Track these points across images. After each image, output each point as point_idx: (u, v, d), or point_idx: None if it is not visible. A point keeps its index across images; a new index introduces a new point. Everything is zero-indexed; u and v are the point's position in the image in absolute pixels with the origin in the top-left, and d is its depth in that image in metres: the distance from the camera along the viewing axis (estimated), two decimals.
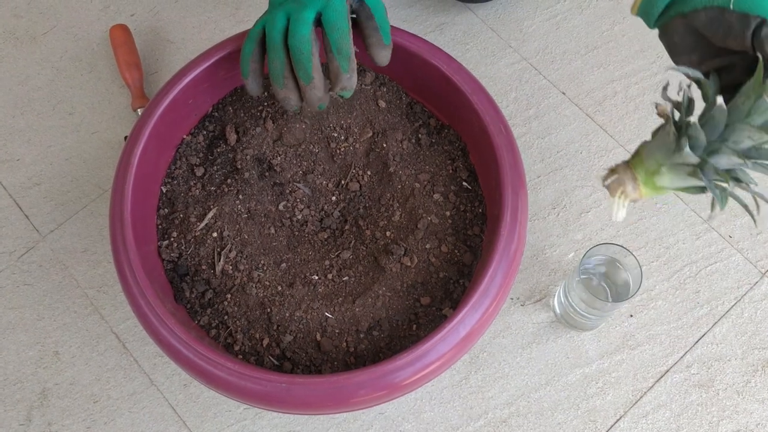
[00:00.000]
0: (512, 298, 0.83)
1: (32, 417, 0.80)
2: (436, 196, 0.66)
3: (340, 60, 0.55)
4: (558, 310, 0.81)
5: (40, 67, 0.96)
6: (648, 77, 0.93)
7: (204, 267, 0.62)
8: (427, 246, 0.64)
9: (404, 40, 0.65)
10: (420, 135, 0.69)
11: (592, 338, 0.81)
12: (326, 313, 0.61)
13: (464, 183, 0.68)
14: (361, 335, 0.61)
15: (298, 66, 0.55)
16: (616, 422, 0.78)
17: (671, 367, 0.80)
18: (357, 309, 0.62)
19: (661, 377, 0.79)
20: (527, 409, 0.79)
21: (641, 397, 0.79)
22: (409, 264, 0.64)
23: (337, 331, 0.61)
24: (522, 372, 0.80)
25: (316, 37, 0.56)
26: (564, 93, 0.92)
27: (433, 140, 0.70)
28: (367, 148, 0.68)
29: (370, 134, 0.68)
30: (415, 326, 0.62)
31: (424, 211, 0.65)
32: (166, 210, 0.65)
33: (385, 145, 0.67)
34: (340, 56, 0.56)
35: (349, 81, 0.57)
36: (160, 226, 0.64)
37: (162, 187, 0.65)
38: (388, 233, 0.66)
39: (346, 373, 0.54)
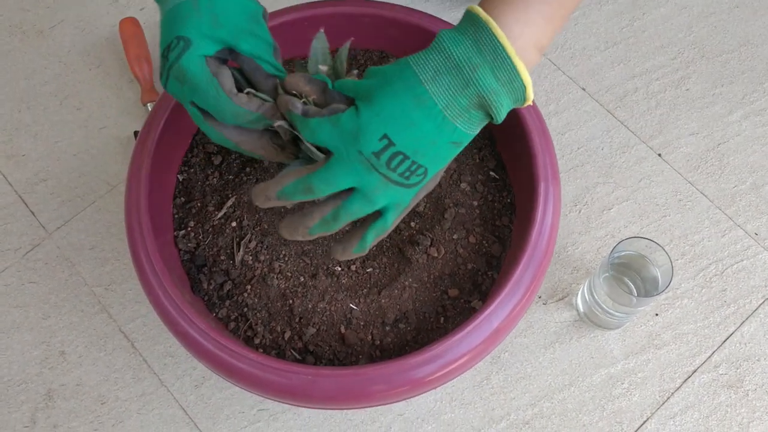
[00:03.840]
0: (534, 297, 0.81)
1: (37, 419, 0.77)
2: (463, 185, 0.64)
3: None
4: (582, 308, 0.79)
5: (47, 61, 0.94)
6: (669, 73, 0.91)
7: (223, 257, 0.60)
8: (455, 236, 0.62)
9: (426, 23, 0.63)
10: None
11: (616, 338, 0.79)
12: (351, 305, 0.58)
13: (491, 173, 0.65)
14: (387, 328, 0.59)
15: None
16: (642, 424, 0.75)
17: (699, 367, 0.77)
18: (383, 300, 0.59)
19: (689, 377, 0.77)
20: (551, 410, 0.76)
21: (668, 398, 0.76)
22: (435, 255, 0.61)
23: (362, 323, 0.58)
24: (545, 372, 0.78)
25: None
26: (584, 89, 0.90)
27: None
28: None
29: None
30: (442, 319, 0.59)
31: (450, 200, 0.63)
32: (183, 199, 0.63)
33: None
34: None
35: None
36: (176, 216, 0.62)
37: (178, 176, 0.63)
38: (413, 224, 0.63)
39: (374, 365, 0.51)
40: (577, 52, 0.93)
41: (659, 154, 0.87)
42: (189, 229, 0.61)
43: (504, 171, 0.66)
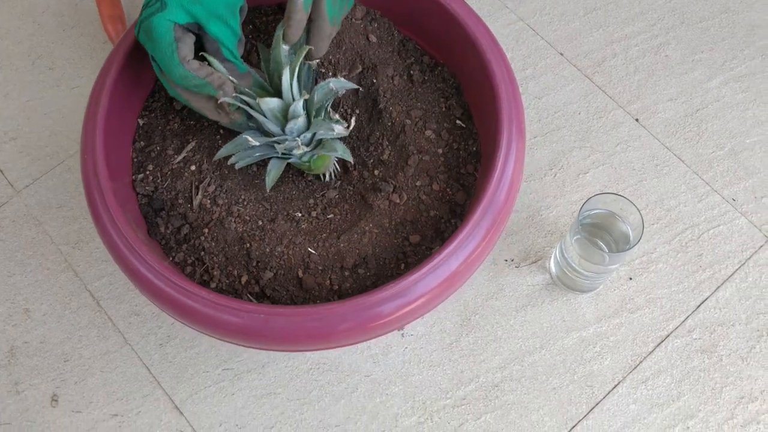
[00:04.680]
0: (506, 260, 0.79)
1: None
2: (428, 132, 0.63)
3: None
4: (554, 270, 0.77)
5: (21, 21, 0.93)
6: (648, 39, 0.90)
7: (181, 201, 0.59)
8: (418, 183, 0.61)
9: None
10: (412, 72, 0.66)
11: (589, 301, 0.77)
12: (309, 249, 0.57)
13: (458, 121, 0.64)
14: (346, 273, 0.57)
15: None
16: (614, 388, 0.74)
17: (672, 332, 0.76)
18: (342, 245, 0.58)
19: (662, 342, 0.76)
20: (521, 373, 0.75)
21: (641, 362, 0.75)
22: (398, 201, 0.60)
23: (320, 267, 0.57)
24: (516, 335, 0.76)
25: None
26: (562, 54, 0.89)
27: (426, 77, 0.66)
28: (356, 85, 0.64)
29: (360, 70, 0.64)
30: (403, 265, 0.58)
31: (415, 147, 0.62)
32: (143, 143, 0.62)
33: (375, 81, 0.64)
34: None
35: None
36: (135, 159, 0.61)
37: (139, 120, 0.62)
38: (376, 172, 0.62)
39: (329, 304, 0.50)
40: (555, 17, 0.91)
41: (637, 120, 0.85)
42: (147, 172, 0.60)
43: (470, 120, 0.64)
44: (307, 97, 0.53)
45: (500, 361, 0.75)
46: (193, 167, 0.60)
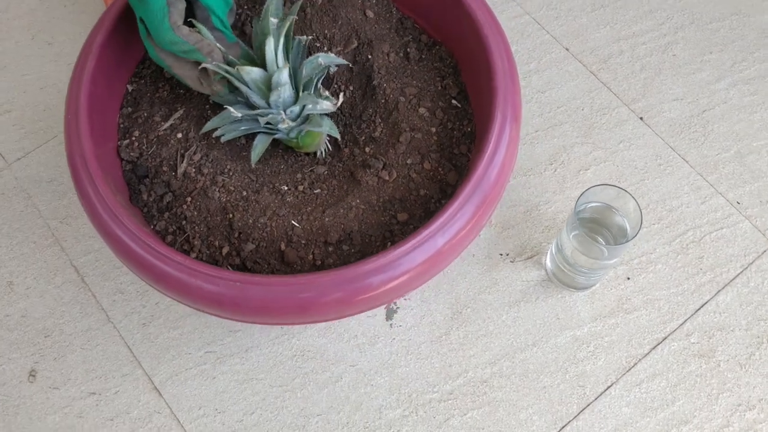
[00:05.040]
0: (501, 254, 0.77)
1: None
2: (422, 110, 0.61)
3: None
4: (550, 266, 0.75)
5: None
6: (656, 38, 0.88)
7: (165, 169, 0.57)
8: (409, 161, 0.59)
9: None
10: (409, 49, 0.64)
11: (585, 299, 0.75)
12: (293, 222, 0.55)
13: (453, 100, 0.62)
14: (330, 248, 0.55)
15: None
16: (606, 389, 0.71)
17: (669, 335, 0.74)
18: (327, 219, 0.56)
19: (658, 344, 0.73)
20: (511, 370, 0.72)
21: (635, 364, 0.72)
22: (387, 178, 0.58)
23: (303, 241, 0.55)
24: (507, 331, 0.74)
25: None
26: (567, 49, 0.88)
27: (423, 56, 0.65)
28: (350, 61, 0.63)
29: (355, 45, 0.63)
30: (389, 243, 0.56)
31: (407, 125, 0.60)
32: (130, 109, 0.60)
33: (370, 57, 0.63)
34: None
35: None
36: (121, 125, 0.59)
37: (128, 86, 0.61)
38: (367, 149, 0.60)
39: (310, 274, 0.48)
40: (562, 12, 0.90)
41: (641, 118, 0.84)
42: (133, 138, 0.59)
43: (467, 101, 0.63)
44: (288, 66, 0.52)
45: (490, 357, 0.73)
46: (179, 135, 0.58)
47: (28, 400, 0.72)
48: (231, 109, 0.52)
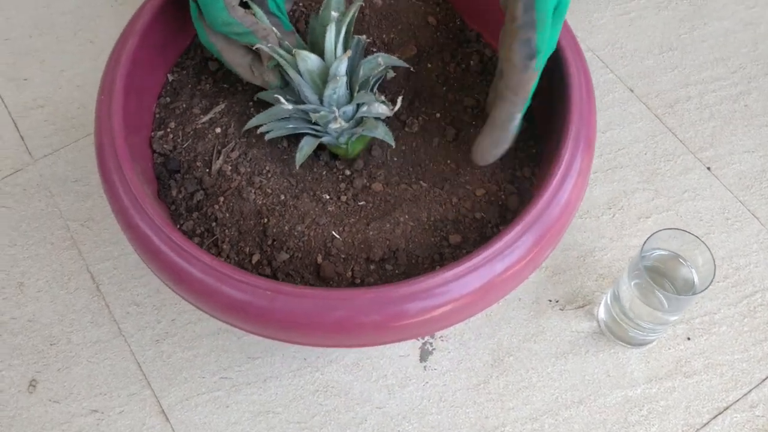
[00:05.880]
0: (550, 300, 0.71)
1: None
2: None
3: None
4: (604, 317, 0.69)
5: None
6: (728, 86, 0.83)
7: (199, 164, 0.52)
8: (465, 179, 0.54)
9: None
10: (471, 61, 0.59)
11: (640, 357, 0.68)
12: (333, 233, 0.50)
13: None
14: (372, 266, 0.50)
15: None
16: None
17: (732, 404, 0.66)
18: (371, 233, 0.51)
19: (719, 414, 0.66)
20: (553, 428, 0.65)
21: None
22: (440, 196, 0.53)
23: (343, 255, 0.49)
24: (552, 385, 0.67)
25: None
26: (632, 90, 0.83)
27: (486, 68, 0.60)
28: (406, 70, 0.58)
29: (414, 53, 0.58)
30: (438, 267, 0.50)
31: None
32: (168, 99, 0.56)
33: (429, 66, 0.58)
34: None
35: None
36: (157, 115, 0.55)
37: (169, 75, 0.56)
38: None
39: (348, 289, 0.42)
40: (628, 52, 0.85)
41: (708, 168, 0.78)
42: (168, 130, 0.54)
43: (533, 121, 0.57)
44: (347, 57, 0.48)
45: (531, 412, 0.66)
46: (218, 130, 0.53)
47: (25, 411, 0.66)
48: (281, 99, 0.47)
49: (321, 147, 0.55)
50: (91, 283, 0.72)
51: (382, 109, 0.50)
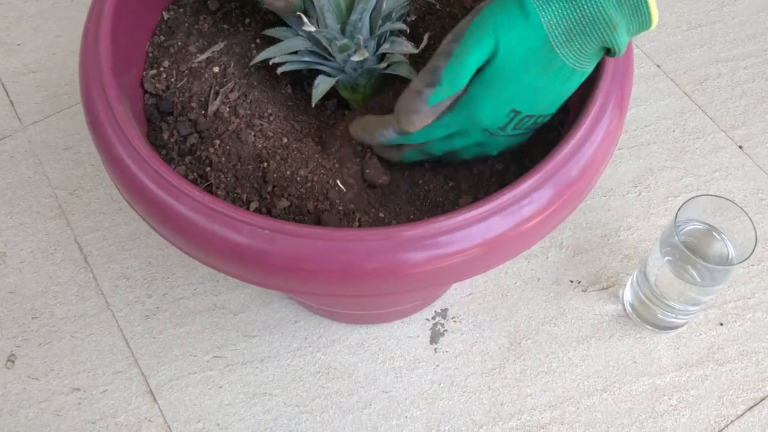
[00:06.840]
0: (572, 281, 0.66)
1: None
2: None
3: None
4: (630, 299, 0.63)
5: None
6: (760, 63, 0.78)
7: (194, 105, 0.48)
8: None
9: None
10: None
11: (668, 343, 0.63)
12: (338, 182, 0.45)
13: None
14: (381, 214, 0.45)
15: None
16: None
17: None
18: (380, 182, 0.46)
19: (755, 405, 0.60)
20: (575, 417, 0.60)
21: (727, 426, 0.60)
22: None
23: (350, 204, 0.44)
24: (574, 371, 0.62)
25: None
26: (659, 66, 0.78)
27: None
28: (423, 13, 0.53)
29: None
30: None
31: None
32: (163, 38, 0.51)
33: (448, 9, 0.53)
34: None
35: None
36: (150, 54, 0.50)
37: (164, 13, 0.52)
38: None
39: (356, 229, 0.37)
40: (654, 28, 0.81)
41: (740, 147, 0.73)
42: (161, 69, 0.49)
43: None
44: None
45: (551, 399, 0.61)
46: (216, 69, 0.49)
47: (2, 388, 0.61)
48: (304, 17, 0.43)
49: (328, 96, 0.51)
50: (78, 254, 0.67)
51: (407, 46, 0.46)
